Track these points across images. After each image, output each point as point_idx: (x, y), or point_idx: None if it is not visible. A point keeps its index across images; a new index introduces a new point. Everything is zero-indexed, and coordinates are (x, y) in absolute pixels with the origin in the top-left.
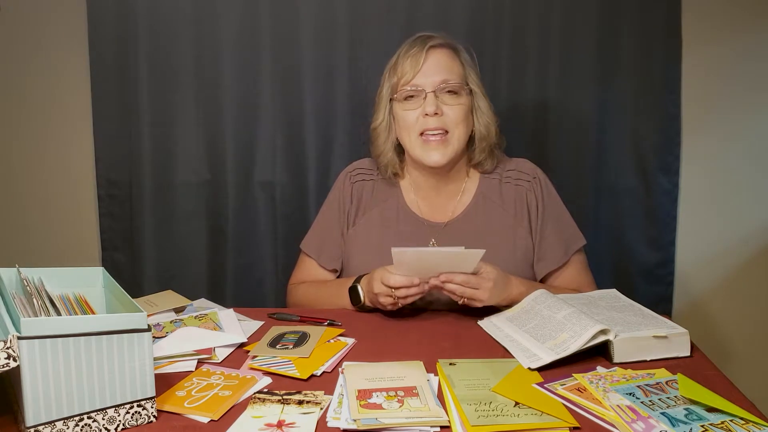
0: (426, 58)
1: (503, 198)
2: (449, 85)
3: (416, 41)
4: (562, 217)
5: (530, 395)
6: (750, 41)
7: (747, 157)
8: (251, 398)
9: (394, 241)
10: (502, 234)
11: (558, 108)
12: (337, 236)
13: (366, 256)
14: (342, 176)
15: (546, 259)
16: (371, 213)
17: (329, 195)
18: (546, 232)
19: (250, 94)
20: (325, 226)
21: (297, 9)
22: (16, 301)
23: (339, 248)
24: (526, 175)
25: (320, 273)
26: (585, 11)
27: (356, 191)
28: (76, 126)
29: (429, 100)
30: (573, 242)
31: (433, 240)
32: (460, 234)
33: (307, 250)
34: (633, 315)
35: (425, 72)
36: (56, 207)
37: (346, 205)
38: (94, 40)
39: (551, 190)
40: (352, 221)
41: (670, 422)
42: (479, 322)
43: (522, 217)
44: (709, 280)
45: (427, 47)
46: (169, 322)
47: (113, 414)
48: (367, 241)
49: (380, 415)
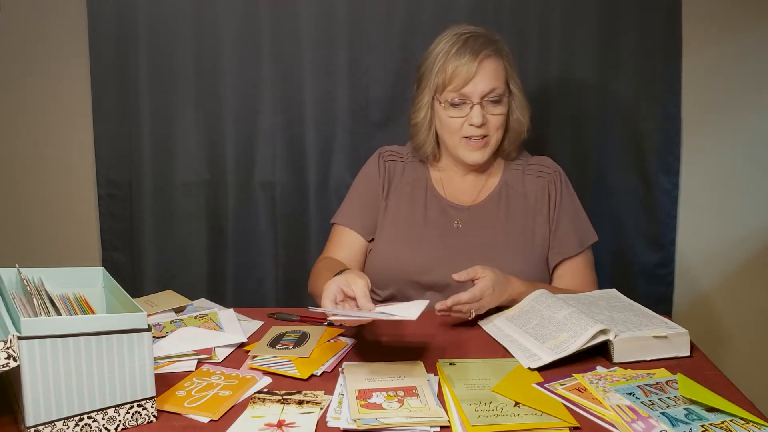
0: (477, 70)
1: (525, 187)
2: (494, 96)
3: (467, 45)
4: (578, 212)
5: (530, 395)
6: (750, 41)
7: (747, 157)
8: (251, 398)
9: (420, 221)
10: (522, 220)
11: (558, 107)
12: (374, 206)
13: (393, 233)
14: (374, 156)
15: (560, 247)
16: (401, 191)
17: (362, 171)
18: (562, 223)
19: (250, 94)
20: (362, 197)
21: (297, 9)
22: (16, 301)
23: (375, 218)
24: (548, 168)
25: (356, 242)
26: (585, 11)
27: (389, 168)
28: (76, 126)
29: (475, 111)
30: (587, 236)
31: (457, 221)
32: (483, 218)
33: (341, 221)
34: (633, 315)
35: (476, 82)
36: (56, 207)
37: (380, 177)
38: (94, 40)
39: (570, 187)
40: (386, 194)
41: (670, 422)
42: (479, 322)
43: (542, 206)
44: (709, 280)
45: (480, 58)
46: (169, 322)
47: (113, 414)
48: (395, 219)
49: (380, 415)
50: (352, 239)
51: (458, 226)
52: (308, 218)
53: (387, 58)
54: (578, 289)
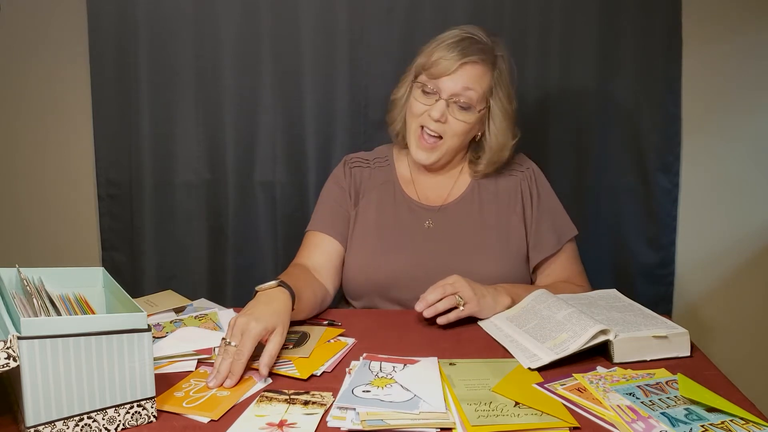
0: (457, 69)
1: (498, 187)
2: (461, 102)
3: (460, 44)
4: (554, 208)
5: (530, 395)
6: (750, 40)
7: (747, 157)
8: (259, 396)
9: (390, 225)
10: (495, 220)
11: (558, 108)
12: (344, 214)
13: (362, 244)
14: (339, 164)
15: (539, 247)
16: (369, 197)
17: (328, 182)
18: (540, 221)
19: (250, 94)
20: (332, 205)
21: (297, 9)
22: (16, 301)
23: (347, 225)
24: (520, 166)
25: (332, 247)
26: (585, 11)
27: (355, 175)
28: (76, 126)
29: (438, 106)
30: (565, 232)
31: (428, 221)
32: (455, 218)
33: (316, 228)
34: (633, 315)
35: (449, 79)
36: (56, 207)
37: (347, 186)
38: (94, 40)
39: (544, 182)
40: (354, 202)
41: (670, 422)
42: (479, 322)
43: (515, 205)
44: (709, 280)
45: (463, 62)
46: (169, 322)
47: (113, 414)
48: (364, 228)
49: (386, 417)
50: (328, 244)
51: (429, 226)
52: (308, 218)
53: (387, 58)
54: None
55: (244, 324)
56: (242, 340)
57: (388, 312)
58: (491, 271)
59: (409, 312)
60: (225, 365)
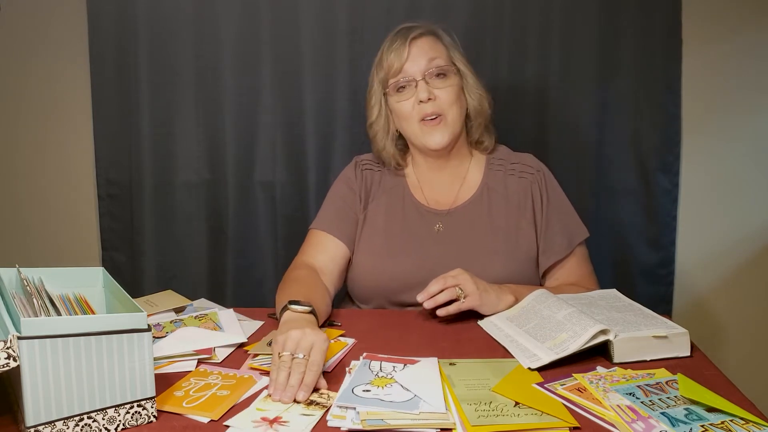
0: (410, 48)
1: (507, 189)
2: (437, 69)
3: (398, 35)
4: (565, 210)
5: (530, 395)
6: (750, 40)
7: (747, 157)
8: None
9: (399, 229)
10: (504, 222)
11: (558, 108)
12: (352, 216)
13: (372, 244)
14: (350, 165)
15: (550, 250)
16: (379, 200)
17: (337, 181)
18: (550, 224)
19: (250, 94)
20: (340, 205)
21: (297, 9)
22: (16, 301)
23: (354, 228)
24: (530, 167)
25: (336, 248)
26: (585, 11)
27: (366, 178)
28: (76, 126)
29: (421, 87)
30: (576, 234)
31: (438, 224)
32: (464, 221)
33: (320, 227)
34: (633, 315)
35: (411, 60)
36: (56, 207)
37: (358, 189)
38: (94, 40)
39: (554, 184)
40: (363, 205)
41: (670, 422)
42: (479, 322)
43: (525, 208)
44: (709, 280)
45: (410, 39)
46: (169, 322)
47: (113, 414)
48: (373, 231)
49: (386, 416)
50: (332, 244)
51: (439, 229)
52: (308, 218)
53: None
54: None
55: (309, 337)
56: (313, 351)
57: (388, 312)
58: (499, 274)
59: (409, 312)
60: (296, 377)
